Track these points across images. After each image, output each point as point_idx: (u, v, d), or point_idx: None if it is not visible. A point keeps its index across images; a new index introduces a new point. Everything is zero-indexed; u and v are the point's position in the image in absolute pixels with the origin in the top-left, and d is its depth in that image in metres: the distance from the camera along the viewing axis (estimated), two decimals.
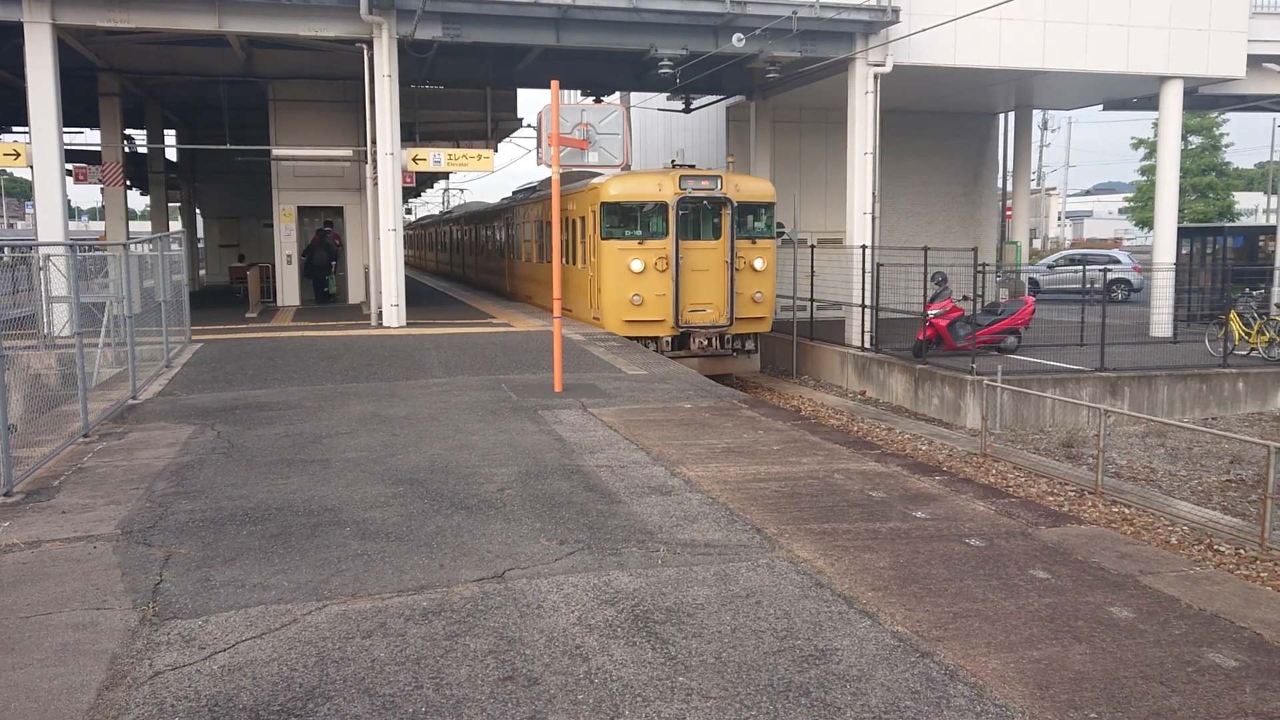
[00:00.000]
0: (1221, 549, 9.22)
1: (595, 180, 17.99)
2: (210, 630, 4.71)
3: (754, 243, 17.86)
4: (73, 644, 4.56)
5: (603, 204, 17.39)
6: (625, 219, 17.46)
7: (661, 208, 17.25)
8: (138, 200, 48.47)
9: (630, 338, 16.89)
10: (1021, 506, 6.97)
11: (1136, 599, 5.11)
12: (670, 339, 17.48)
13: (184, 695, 4.06)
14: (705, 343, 17.61)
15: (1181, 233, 23.67)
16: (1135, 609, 4.97)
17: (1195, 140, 47.27)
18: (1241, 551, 9.04)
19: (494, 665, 4.33)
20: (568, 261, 20.02)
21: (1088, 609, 4.96)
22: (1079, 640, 4.58)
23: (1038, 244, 51.80)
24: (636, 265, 17.15)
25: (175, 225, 36.11)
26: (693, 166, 18.60)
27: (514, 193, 27.92)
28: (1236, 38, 20.68)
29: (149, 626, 4.76)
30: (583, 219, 18.77)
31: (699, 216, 17.62)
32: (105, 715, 3.90)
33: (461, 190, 59.01)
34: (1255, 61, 21.50)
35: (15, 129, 28.55)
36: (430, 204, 70.90)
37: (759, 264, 17.91)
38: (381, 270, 18.17)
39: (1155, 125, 29.56)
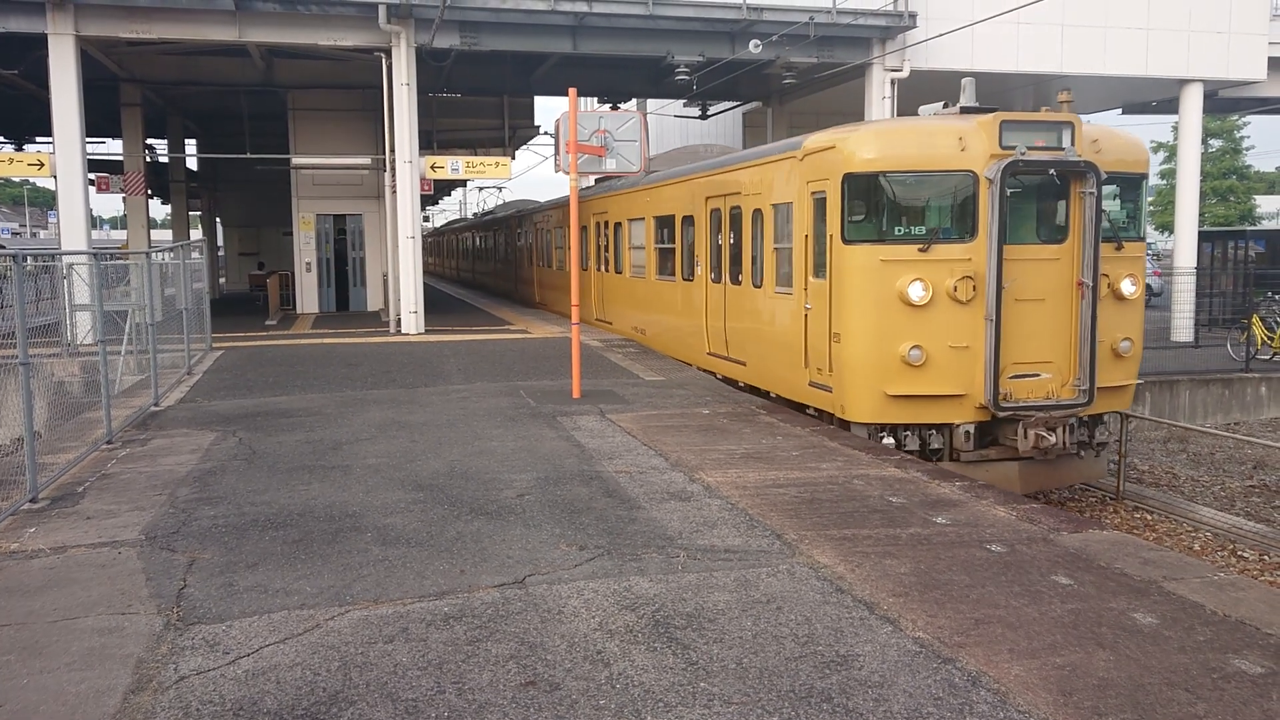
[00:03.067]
0: (1245, 555, 9.15)
1: (819, 138, 10.65)
2: (234, 635, 4.74)
3: (1118, 248, 10.18)
4: (98, 648, 4.61)
5: (848, 178, 9.95)
6: (892, 205, 9.94)
7: (964, 184, 9.73)
8: (159, 209, 48.84)
9: (891, 427, 9.92)
10: (1042, 512, 6.93)
11: (1160, 605, 5.07)
12: (973, 428, 9.82)
13: (209, 699, 4.09)
14: (1046, 436, 9.60)
15: (1202, 236, 23.52)
16: (1159, 615, 4.93)
17: (1215, 143, 46.97)
18: (1266, 558, 8.97)
19: (516, 670, 4.34)
20: (717, 280, 13.29)
21: (1111, 615, 4.93)
22: (1103, 647, 4.56)
23: None
24: (916, 291, 9.59)
25: (196, 233, 36.45)
26: (993, 109, 10.24)
27: (597, 180, 20.91)
28: (1257, 40, 20.55)
29: (174, 631, 4.80)
30: (783, 209, 11.36)
31: (1025, 199, 10.08)
32: (132, 719, 3.94)
33: (500, 189, 52.47)
34: (1276, 64, 21.38)
35: (39, 139, 28.88)
36: (447, 211, 71.20)
37: (1128, 287, 10.26)
38: (400, 277, 18.26)
39: (1175, 129, 29.38)
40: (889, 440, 9.80)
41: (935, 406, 9.80)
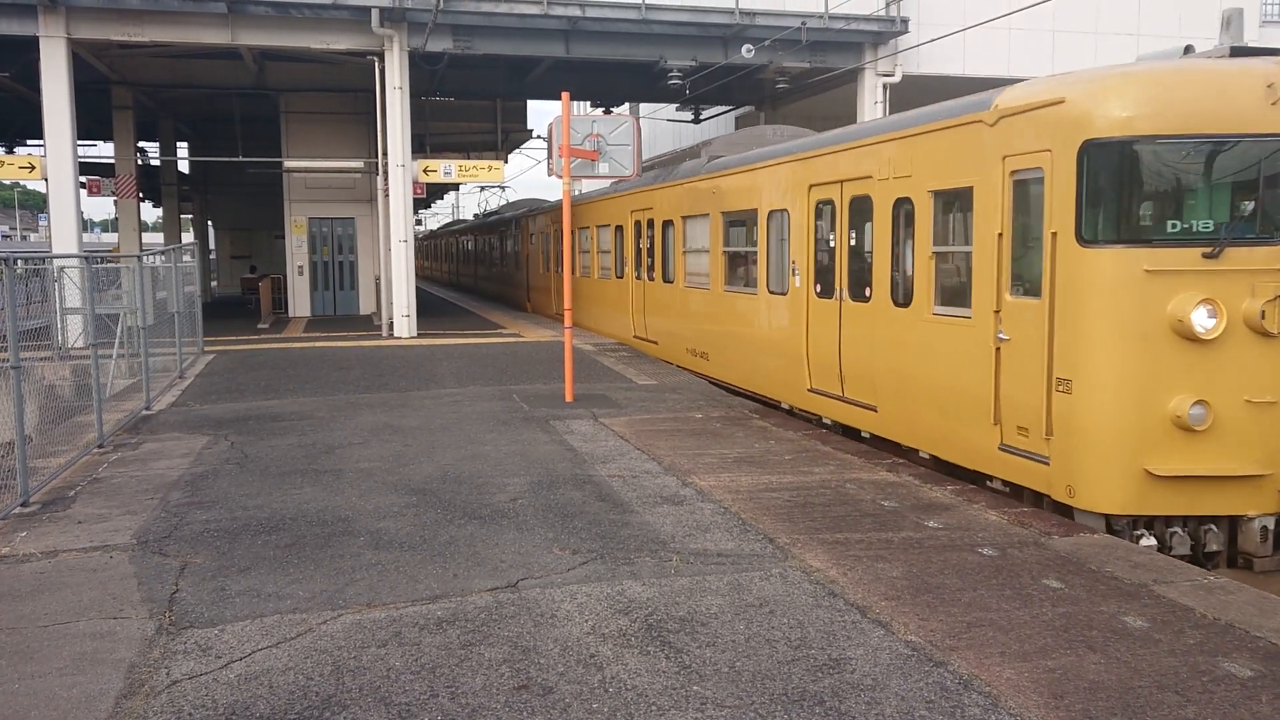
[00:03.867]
0: None
1: (1028, 90, 7.51)
2: (226, 639, 4.74)
3: None
4: (90, 653, 4.60)
5: (1090, 147, 6.80)
6: (1162, 188, 6.92)
7: (1276, 155, 6.69)
8: (150, 212, 48.71)
9: (1149, 519, 6.89)
10: (1033, 516, 6.96)
11: (1150, 608, 5.10)
12: (1273, 523, 6.83)
13: (201, 704, 4.08)
14: None
15: None
16: (1149, 618, 4.96)
17: None
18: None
19: (509, 674, 4.35)
20: (827, 295, 10.31)
21: (1101, 618, 4.96)
22: (1093, 650, 4.58)
23: None
24: (1202, 318, 6.62)
25: (187, 237, 36.37)
26: (1275, 50, 7.26)
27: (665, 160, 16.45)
28: None
29: (166, 636, 4.79)
30: (951, 197, 8.36)
31: None
32: None
33: (503, 189, 46.43)
34: None
35: (30, 142, 28.81)
36: (440, 214, 71.10)
37: None
38: (393, 281, 18.25)
39: None
40: (1148, 541, 6.80)
41: (1218, 491, 6.79)
